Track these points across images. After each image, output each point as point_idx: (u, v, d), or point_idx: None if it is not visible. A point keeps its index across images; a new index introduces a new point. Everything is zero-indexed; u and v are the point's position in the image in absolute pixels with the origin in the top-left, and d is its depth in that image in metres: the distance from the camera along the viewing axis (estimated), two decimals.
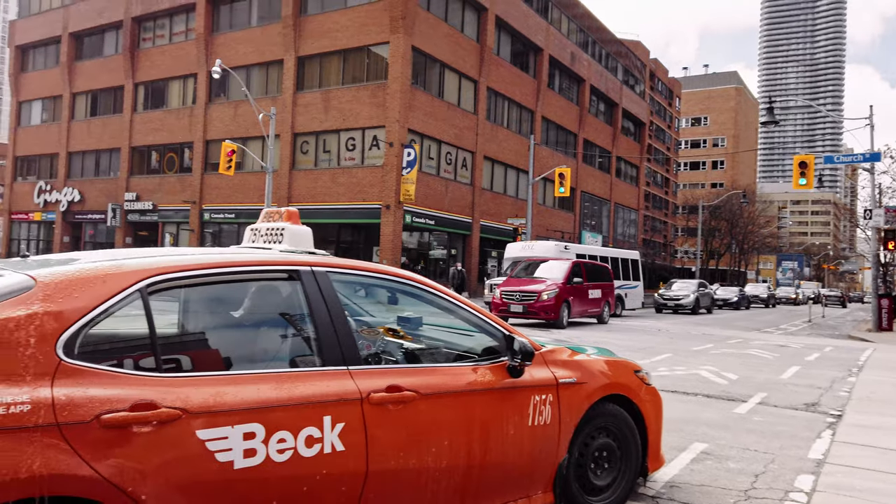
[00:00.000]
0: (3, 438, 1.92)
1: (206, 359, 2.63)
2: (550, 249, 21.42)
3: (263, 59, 30.41)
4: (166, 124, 33.83)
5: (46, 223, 38.98)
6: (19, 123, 40.85)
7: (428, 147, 28.81)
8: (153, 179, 34.25)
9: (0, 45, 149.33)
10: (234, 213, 30.90)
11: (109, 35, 36.57)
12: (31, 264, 2.52)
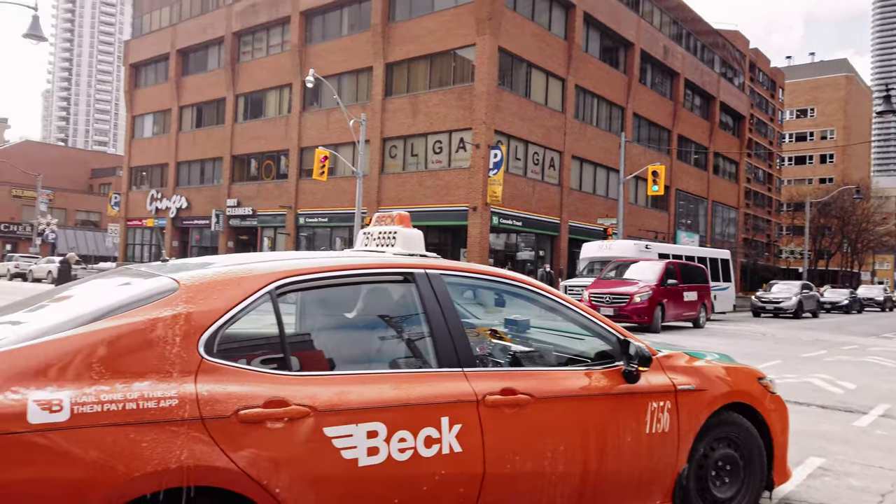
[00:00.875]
0: (155, 430, 2.06)
1: (326, 358, 2.71)
2: (629, 249, 20.61)
3: (354, 66, 31.24)
4: (264, 133, 35.44)
5: (157, 229, 41.80)
6: (133, 136, 44.07)
7: (515, 148, 28.60)
8: (252, 186, 35.97)
9: (116, 65, 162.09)
10: (327, 217, 31.91)
11: (212, 50, 38.78)
12: (171, 268, 2.68)
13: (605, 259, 20.39)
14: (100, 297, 2.44)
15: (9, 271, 43.96)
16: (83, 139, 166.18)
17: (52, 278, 39.59)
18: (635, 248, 20.74)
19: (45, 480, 1.91)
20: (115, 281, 2.69)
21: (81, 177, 73.34)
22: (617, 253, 20.30)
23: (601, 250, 21.15)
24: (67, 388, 2.00)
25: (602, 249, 21.20)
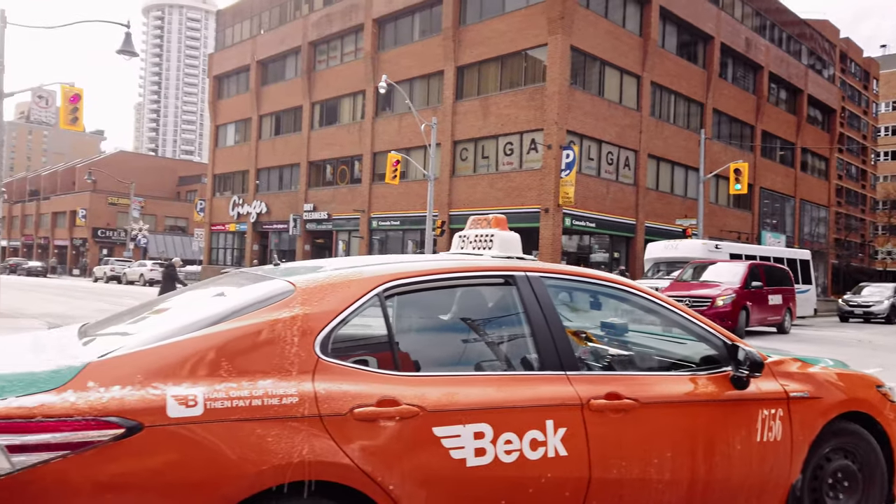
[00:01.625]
0: (279, 426, 2.17)
1: (428, 360, 2.76)
2: (697, 249, 19.67)
3: (425, 71, 31.52)
4: (338, 139, 36.30)
5: (239, 233, 43.54)
6: (217, 145, 46.12)
7: (588, 148, 28.05)
8: (328, 191, 36.90)
9: (201, 77, 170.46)
10: (399, 221, 32.31)
11: (290, 60, 40.09)
12: (285, 271, 2.81)
13: (671, 260, 19.60)
14: (222, 300, 2.61)
15: (105, 274, 46.94)
16: (171, 148, 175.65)
17: (143, 280, 41.95)
18: (703, 247, 19.80)
19: (184, 470, 2.04)
20: (234, 284, 2.85)
21: (170, 184, 77.46)
22: (684, 253, 19.46)
23: (667, 251, 20.31)
24: (200, 385, 2.14)
25: (668, 250, 20.35)
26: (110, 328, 2.70)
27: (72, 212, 66.80)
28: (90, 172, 57.88)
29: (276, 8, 41.71)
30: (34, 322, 15.10)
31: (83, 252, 65.96)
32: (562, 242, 26.49)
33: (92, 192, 64.13)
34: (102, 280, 46.57)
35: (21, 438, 1.92)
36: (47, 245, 72.31)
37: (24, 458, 1.92)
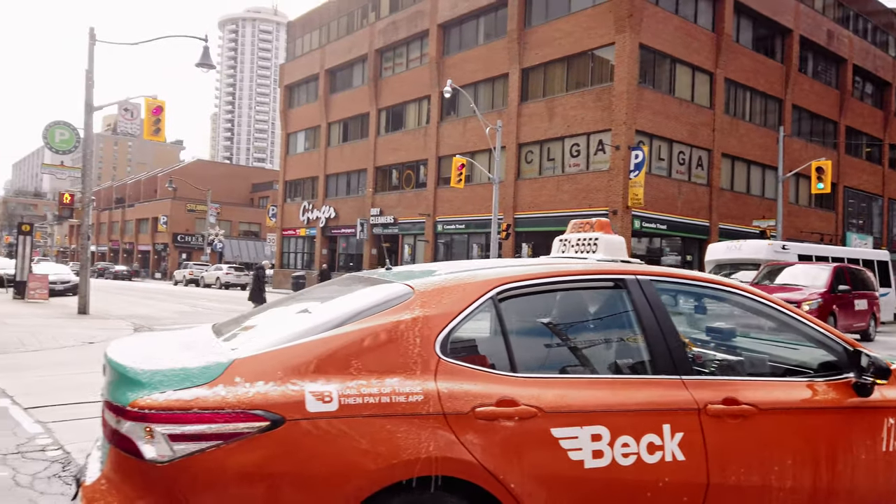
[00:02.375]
0: (406, 423, 2.27)
1: (541, 362, 2.81)
2: (762, 249, 18.60)
3: (490, 74, 31.48)
4: (404, 144, 36.72)
5: (309, 238, 44.68)
6: (287, 153, 47.51)
7: (658, 147, 27.28)
8: (394, 196, 37.37)
9: (272, 87, 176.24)
10: (464, 224, 32.35)
11: (357, 68, 40.90)
12: (401, 275, 2.93)
13: (733, 261, 18.65)
14: (345, 302, 2.74)
15: (184, 277, 49.12)
16: (245, 156, 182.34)
17: (219, 284, 43.63)
18: (769, 248, 18.74)
19: (322, 461, 2.18)
20: (353, 287, 2.99)
21: (243, 191, 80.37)
22: (748, 255, 18.49)
23: (730, 252, 19.31)
24: (334, 382, 2.27)
25: (731, 251, 19.34)
26: (242, 327, 2.88)
27: (154, 218, 70.32)
28: (171, 181, 60.79)
29: (343, 17, 42.64)
30: (121, 323, 15.94)
31: (164, 256, 69.29)
32: (631, 245, 25.84)
33: (172, 199, 67.32)
34: (182, 283, 48.75)
35: (181, 428, 2.11)
36: (132, 250, 76.36)
37: (184, 446, 2.10)
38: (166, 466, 2.10)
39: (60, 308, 19.19)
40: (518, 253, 29.46)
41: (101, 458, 2.48)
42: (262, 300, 17.51)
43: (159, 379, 2.23)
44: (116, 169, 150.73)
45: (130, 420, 2.15)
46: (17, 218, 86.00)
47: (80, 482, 2.46)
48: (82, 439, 5.39)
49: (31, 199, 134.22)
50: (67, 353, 10.80)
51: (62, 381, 8.25)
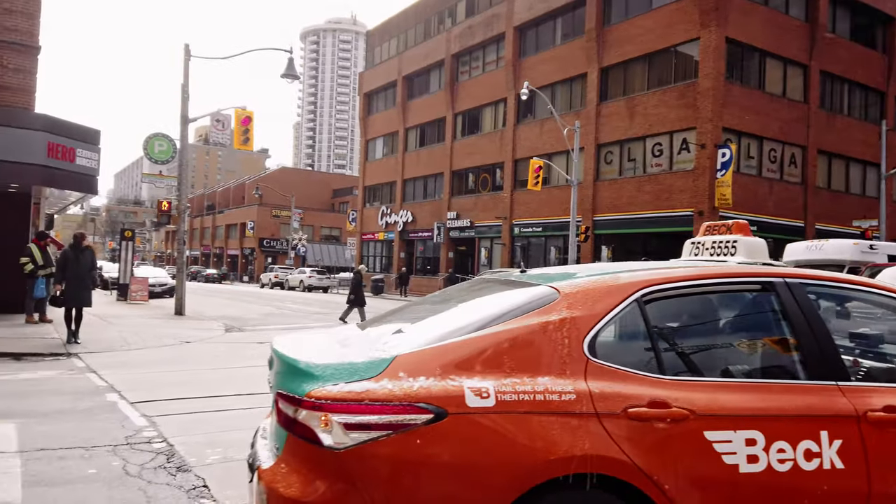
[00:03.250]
0: (560, 421, 2.33)
1: (687, 364, 2.78)
2: (846, 250, 17.17)
3: (567, 75, 31.07)
4: (480, 148, 36.79)
5: (387, 241, 45.51)
6: (367, 159, 48.61)
7: (746, 145, 26.08)
8: (470, 199, 37.49)
9: (351, 95, 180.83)
10: (541, 227, 32.04)
11: (433, 74, 41.36)
12: (543, 277, 2.97)
13: (813, 262, 17.40)
14: (490, 303, 2.81)
15: (270, 280, 51.12)
16: (326, 163, 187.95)
17: (303, 286, 45.11)
18: (855, 248, 17.33)
19: (482, 454, 2.26)
20: (493, 289, 3.07)
21: (325, 196, 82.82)
22: (830, 255, 17.19)
23: (810, 252, 18.01)
24: (489, 379, 2.36)
25: (811, 251, 18.03)
26: (389, 325, 3.03)
27: (242, 224, 73.58)
28: (257, 188, 63.46)
29: (420, 24, 43.25)
30: (214, 324, 16.76)
31: (251, 260, 72.37)
32: None
33: (259, 205, 70.25)
34: (268, 286, 50.75)
35: (355, 418, 2.26)
36: (221, 254, 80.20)
37: (357, 434, 2.25)
38: (343, 453, 2.25)
39: (159, 309, 20.39)
40: (597, 256, 28.89)
41: (271, 445, 2.70)
42: (361, 302, 18.31)
43: (331, 372, 2.40)
44: (208, 177, 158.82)
45: (307, 409, 2.32)
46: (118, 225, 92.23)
47: (253, 467, 2.66)
48: (184, 433, 5.71)
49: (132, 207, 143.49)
50: (167, 351, 11.46)
51: (163, 377, 8.76)
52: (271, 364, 2.98)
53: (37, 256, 13.81)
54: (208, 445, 5.32)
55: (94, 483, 4.38)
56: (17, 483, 4.29)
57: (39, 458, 4.85)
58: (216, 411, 6.67)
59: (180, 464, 4.85)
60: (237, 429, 5.91)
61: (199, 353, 11.25)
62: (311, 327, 17.02)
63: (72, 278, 11.48)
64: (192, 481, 4.48)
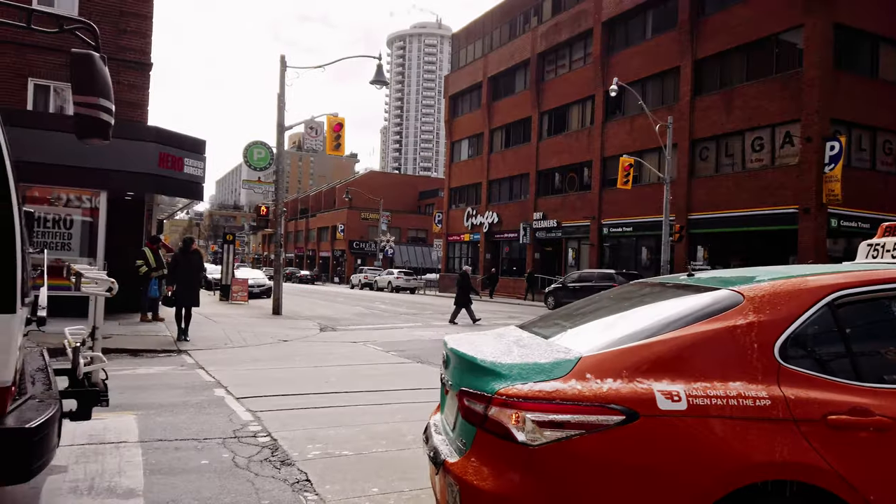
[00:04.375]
0: (755, 426, 2.30)
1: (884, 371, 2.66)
2: None
3: (658, 69, 30.07)
4: (566, 147, 36.23)
5: (473, 243, 45.68)
6: (452, 160, 48.98)
7: (858, 137, 24.28)
8: (556, 199, 36.99)
9: (437, 98, 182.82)
10: (632, 227, 31.14)
11: (519, 73, 41.14)
12: (717, 280, 2.94)
13: None
14: (668, 307, 2.79)
15: (359, 281, 52.55)
16: (412, 166, 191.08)
17: (391, 287, 46.05)
18: None
19: (677, 457, 2.27)
20: (665, 293, 3.06)
21: (411, 198, 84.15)
22: None
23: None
24: (678, 383, 2.36)
25: None
26: (559, 327, 3.10)
27: (333, 227, 76.04)
28: (347, 192, 65.41)
29: (505, 25, 43.14)
30: (309, 323, 17.41)
31: (341, 262, 74.63)
32: (826, 247, 23.22)
33: (348, 208, 72.36)
34: (357, 287, 52.18)
35: (547, 416, 2.31)
36: (314, 256, 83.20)
37: (550, 432, 2.30)
38: (536, 449, 2.31)
39: (257, 309, 21.40)
40: (693, 257, 27.74)
41: (452, 439, 2.81)
42: (467, 302, 18.69)
43: (517, 371, 2.48)
44: (301, 182, 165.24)
45: (498, 406, 2.40)
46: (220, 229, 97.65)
47: (438, 461, 2.76)
48: (285, 428, 5.96)
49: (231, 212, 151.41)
50: (266, 349, 12.01)
51: (264, 374, 9.19)
52: (447, 363, 3.11)
53: (150, 259, 14.85)
54: (309, 441, 5.53)
55: (206, 473, 4.66)
56: (139, 471, 4.63)
57: (158, 448, 5.20)
58: (314, 408, 6.92)
59: (284, 458, 5.07)
60: (335, 425, 6.11)
61: (297, 352, 11.71)
62: (401, 327, 17.35)
63: (182, 280, 12.27)
64: (296, 475, 4.67)
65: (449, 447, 2.79)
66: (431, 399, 7.65)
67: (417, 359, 11.09)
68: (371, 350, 12.24)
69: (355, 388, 8.18)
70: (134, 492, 4.23)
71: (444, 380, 3.19)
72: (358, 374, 9.38)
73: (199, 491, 4.28)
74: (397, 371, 9.86)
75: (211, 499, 4.16)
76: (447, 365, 3.10)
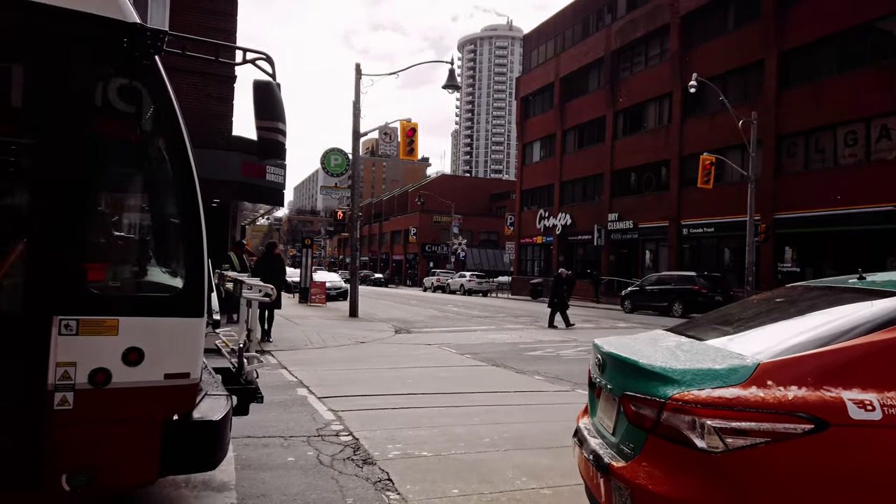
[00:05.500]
0: None
1: None
2: None
3: (740, 63, 28.86)
4: (643, 146, 35.30)
5: (545, 245, 45.20)
6: (523, 163, 48.68)
7: None
8: (632, 200, 36.09)
9: (508, 101, 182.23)
10: (713, 227, 29.99)
11: (592, 73, 40.44)
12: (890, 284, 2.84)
13: None
14: (844, 312, 2.67)
15: (432, 284, 53.02)
16: (483, 169, 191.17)
17: (463, 290, 46.17)
18: None
19: (871, 468, 2.19)
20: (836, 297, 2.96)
21: (482, 201, 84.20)
22: None
23: None
24: (870, 391, 2.26)
25: None
26: (719, 332, 3.05)
27: (405, 230, 77.10)
28: (419, 196, 66.19)
29: (578, 24, 42.53)
30: (384, 325, 17.72)
31: (414, 265, 75.54)
32: None
33: (420, 212, 73.17)
34: (430, 289, 52.67)
35: (729, 423, 2.27)
36: (387, 259, 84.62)
37: (733, 440, 2.25)
38: (717, 456, 2.27)
39: (334, 311, 21.97)
40: (780, 259, 26.43)
41: (609, 444, 2.84)
42: (562, 306, 18.42)
43: (691, 377, 2.45)
44: (374, 187, 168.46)
45: (672, 412, 2.38)
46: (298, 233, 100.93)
47: (602, 465, 2.75)
48: (365, 428, 6.10)
49: (308, 217, 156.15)
50: (345, 350, 12.32)
51: (344, 375, 9.43)
52: (602, 367, 3.10)
53: (235, 264, 15.51)
54: (389, 441, 5.63)
55: (293, 470, 4.83)
56: (231, 465, 4.85)
57: (247, 445, 5.44)
58: (393, 408, 7.05)
59: (365, 457, 5.19)
60: (414, 426, 6.20)
61: (373, 353, 11.95)
62: (474, 330, 17.38)
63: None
64: (378, 474, 4.77)
65: (610, 451, 2.79)
66: (508, 402, 7.64)
67: (492, 362, 11.09)
68: (446, 352, 12.33)
69: (432, 389, 8.26)
70: (227, 485, 4.43)
71: (596, 382, 3.19)
72: (434, 375, 9.47)
73: (287, 487, 4.45)
74: (472, 374, 9.89)
75: (298, 495, 4.31)
76: (602, 368, 3.10)
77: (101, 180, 3.36)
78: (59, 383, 2.93)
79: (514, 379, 9.48)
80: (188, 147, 3.34)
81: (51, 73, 2.98)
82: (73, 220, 3.02)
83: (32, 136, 3.04)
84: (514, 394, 8.28)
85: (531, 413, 7.07)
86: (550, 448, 5.44)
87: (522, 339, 15.18)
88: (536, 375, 9.81)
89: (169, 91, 3.25)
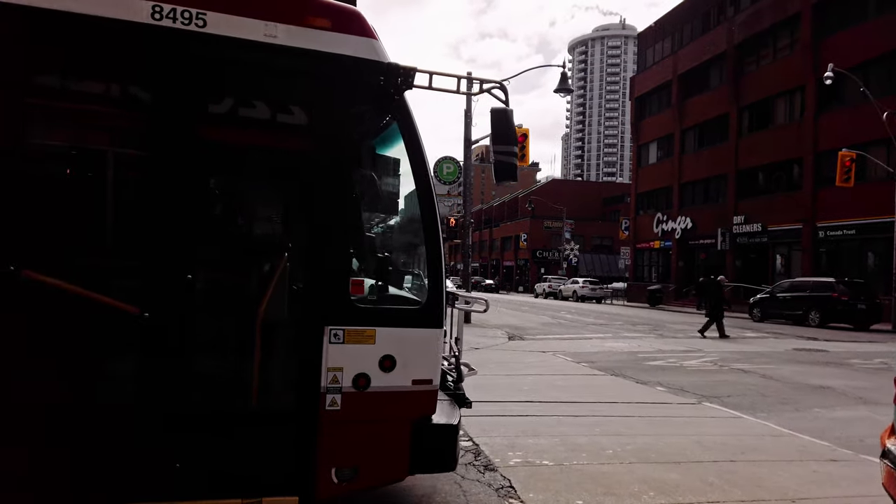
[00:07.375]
0: None
1: None
2: None
3: (884, 49, 26.32)
4: (771, 143, 33.02)
5: (663, 250, 43.38)
6: (639, 164, 47.08)
7: None
8: (760, 201, 33.83)
9: (621, 101, 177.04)
10: (855, 229, 27.47)
11: (713, 68, 38.42)
12: None
13: None
14: None
15: (543, 290, 52.43)
16: (595, 172, 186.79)
17: (576, 296, 45.26)
18: None
19: None
20: None
21: (595, 205, 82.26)
22: None
23: None
24: None
25: None
26: None
27: (515, 236, 76.87)
28: (530, 201, 65.80)
29: (697, 19, 40.60)
30: (497, 332, 17.76)
31: (525, 271, 75.09)
32: None
33: (531, 218, 72.70)
34: (542, 296, 52.10)
35: None
36: (497, 265, 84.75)
37: None
38: None
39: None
40: None
41: None
42: (720, 315, 17.64)
43: None
44: (483, 193, 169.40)
45: None
46: None
47: None
48: (485, 434, 6.14)
49: None
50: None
51: None
52: None
53: None
54: (509, 448, 5.64)
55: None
56: None
57: None
58: (510, 415, 7.04)
59: (486, 463, 5.23)
60: (533, 434, 6.17)
61: (489, 359, 11.99)
62: (589, 338, 17.01)
63: None
64: (500, 481, 4.79)
65: None
66: (629, 413, 7.41)
67: (611, 371, 10.79)
68: (561, 360, 12.15)
69: (549, 398, 8.17)
70: None
71: None
72: (550, 384, 9.36)
73: (413, 488, 4.57)
74: (590, 383, 9.68)
75: (425, 497, 4.43)
76: None
77: (360, 205, 3.75)
78: (329, 386, 3.31)
79: (635, 389, 9.18)
80: (430, 174, 3.65)
81: (329, 114, 3.37)
82: (342, 241, 3.41)
83: (312, 173, 3.43)
84: (635, 405, 8.01)
85: (655, 426, 6.81)
86: (679, 463, 5.22)
87: (642, 348, 14.65)
88: (659, 387, 9.44)
89: (415, 122, 3.56)
